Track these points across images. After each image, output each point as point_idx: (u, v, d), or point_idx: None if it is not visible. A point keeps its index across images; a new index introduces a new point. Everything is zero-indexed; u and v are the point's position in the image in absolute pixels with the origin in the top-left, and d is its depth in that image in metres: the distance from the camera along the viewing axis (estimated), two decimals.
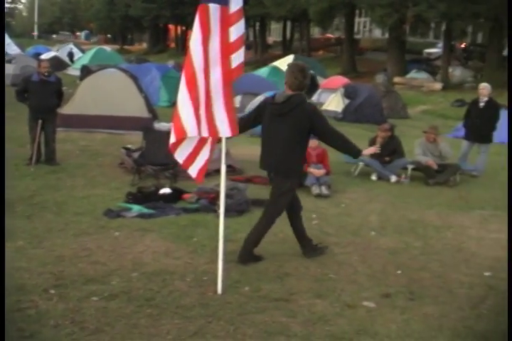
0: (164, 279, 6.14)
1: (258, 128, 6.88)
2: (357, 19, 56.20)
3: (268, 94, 16.45)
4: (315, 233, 7.99)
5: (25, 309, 5.34)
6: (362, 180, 11.72)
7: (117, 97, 15.25)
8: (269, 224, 6.78)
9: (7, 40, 43.68)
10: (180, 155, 5.66)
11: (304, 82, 6.53)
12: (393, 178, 11.77)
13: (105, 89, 15.42)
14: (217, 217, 7.88)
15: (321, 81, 29.52)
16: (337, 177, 11.38)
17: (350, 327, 5.31)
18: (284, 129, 6.47)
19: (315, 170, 10.45)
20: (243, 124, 6.47)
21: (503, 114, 15.11)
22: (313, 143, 10.70)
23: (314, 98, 26.78)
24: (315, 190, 10.10)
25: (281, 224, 8.05)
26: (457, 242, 8.15)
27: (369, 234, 8.21)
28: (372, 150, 7.16)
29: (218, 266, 5.87)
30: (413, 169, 12.15)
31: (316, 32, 69.41)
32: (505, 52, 41.02)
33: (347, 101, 21.96)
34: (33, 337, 4.82)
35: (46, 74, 11.26)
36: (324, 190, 10.12)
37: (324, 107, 23.04)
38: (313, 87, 28.73)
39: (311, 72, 30.40)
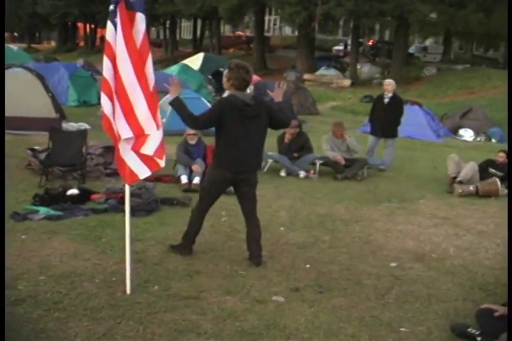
0: (72, 281, 6.07)
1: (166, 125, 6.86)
2: (267, 17, 56.65)
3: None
4: (224, 230, 8.07)
5: None
6: (271, 176, 11.81)
7: (23, 97, 14.89)
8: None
9: None
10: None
11: (248, 81, 6.73)
12: (302, 174, 11.94)
13: (10, 89, 14.98)
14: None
15: None
16: None
17: (260, 322, 5.38)
18: (258, 129, 6.73)
19: None
20: (202, 124, 6.76)
21: (408, 110, 15.57)
22: None
23: (224, 95, 26.88)
24: None
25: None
26: (365, 235, 8.34)
27: (278, 230, 8.31)
28: None
29: (126, 265, 5.84)
30: (321, 164, 12.36)
31: (226, 30, 69.60)
32: (411, 50, 42.24)
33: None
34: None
35: None
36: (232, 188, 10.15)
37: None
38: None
39: (222, 69, 30.54)
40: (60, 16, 63.49)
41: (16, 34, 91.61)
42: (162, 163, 5.71)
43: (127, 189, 5.80)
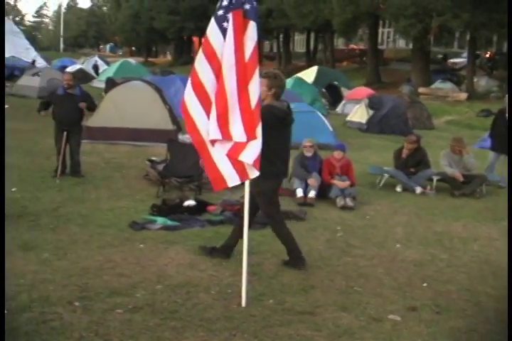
0: (188, 291, 6.13)
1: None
2: (381, 29, 56.14)
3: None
4: (339, 245, 7.97)
5: (50, 321, 5.35)
6: (387, 191, 11.63)
7: (142, 109, 15.32)
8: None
9: (33, 53, 44.30)
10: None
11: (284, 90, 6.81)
12: (418, 190, 11.66)
13: (130, 102, 15.50)
14: None
15: (346, 92, 29.49)
16: (361, 188, 11.32)
17: None
18: (290, 138, 6.89)
19: (339, 182, 10.40)
20: None
21: None
22: (338, 154, 10.69)
23: (338, 109, 26.81)
24: (340, 201, 10.05)
25: (307, 237, 8.06)
26: (484, 254, 8.06)
27: (394, 247, 8.14)
28: None
29: (242, 278, 5.85)
30: (439, 180, 12.04)
31: (340, 43, 69.41)
32: None
33: (371, 112, 21.86)
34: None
35: (66, 86, 11.35)
36: (349, 202, 10.07)
37: (349, 118, 22.99)
38: (338, 98, 28.76)
39: (335, 83, 30.42)
40: (176, 31, 65.31)
41: (133, 48, 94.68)
42: (254, 174, 5.69)
43: (246, 201, 5.81)
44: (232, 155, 5.56)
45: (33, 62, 41.48)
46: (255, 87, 5.50)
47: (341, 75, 34.36)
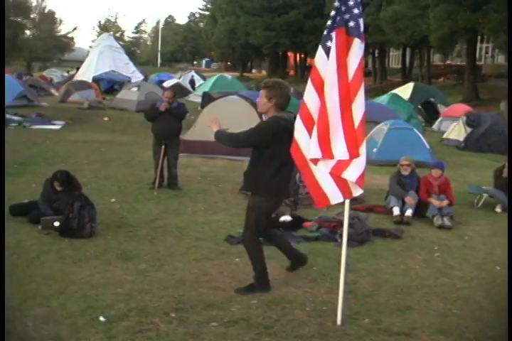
0: (283, 307, 6.12)
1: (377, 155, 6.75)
2: (479, 45, 54.95)
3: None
4: (437, 265, 7.80)
5: (146, 331, 5.46)
6: (486, 211, 11.30)
7: (238, 124, 15.24)
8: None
9: (132, 67, 45.53)
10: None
11: (289, 100, 6.38)
12: None
13: (227, 116, 15.55)
14: (338, 246, 7.91)
15: (442, 109, 28.99)
16: (459, 207, 11.03)
17: None
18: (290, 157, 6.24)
19: (437, 201, 10.18)
20: (244, 143, 6.62)
21: None
22: (436, 172, 10.49)
23: (435, 126, 26.34)
24: (437, 221, 9.85)
25: (403, 256, 7.94)
26: None
27: (494, 269, 7.89)
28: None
29: (339, 296, 5.80)
30: None
31: (436, 59, 68.37)
32: None
33: (469, 129, 21.36)
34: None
35: (167, 103, 11.53)
36: (447, 222, 9.85)
37: (445, 136, 22.56)
38: (434, 115, 28.29)
39: (432, 99, 29.90)
40: (271, 46, 65.87)
41: (229, 63, 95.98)
42: (358, 192, 5.62)
43: (346, 219, 5.78)
44: (336, 172, 5.53)
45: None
46: (359, 106, 5.45)
47: (438, 92, 33.80)
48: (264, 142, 6.19)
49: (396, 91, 29.81)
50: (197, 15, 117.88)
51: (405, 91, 30.28)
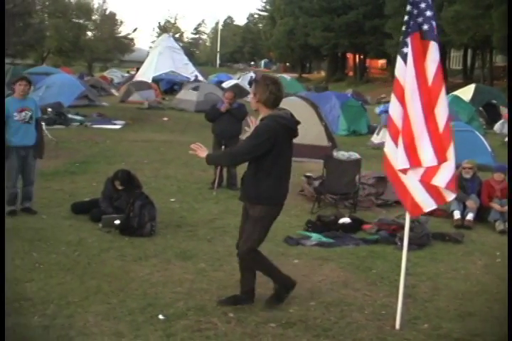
0: (342, 310, 6.08)
1: None
2: None
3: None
4: (499, 271, 7.61)
5: (205, 330, 5.49)
6: None
7: (299, 125, 15.45)
8: None
9: (191, 68, 45.92)
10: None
11: (281, 97, 5.83)
12: None
13: None
14: (397, 249, 7.85)
15: (504, 111, 28.42)
16: None
17: None
18: (291, 154, 5.95)
19: (498, 206, 9.98)
20: (249, 157, 5.76)
21: None
22: (498, 176, 10.29)
23: (496, 128, 25.81)
24: (499, 225, 9.66)
25: (464, 261, 7.82)
26: None
27: None
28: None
29: (398, 300, 5.74)
30: None
31: (498, 60, 67.13)
32: None
33: None
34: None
35: (227, 104, 11.62)
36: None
37: (507, 139, 22.10)
38: (496, 117, 27.76)
39: (494, 101, 29.35)
40: (330, 47, 65.49)
41: (287, 64, 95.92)
42: (451, 196, 5.56)
43: (407, 222, 5.71)
44: (426, 179, 5.47)
45: (196, 77, 43.07)
46: (442, 110, 5.38)
47: (500, 93, 33.12)
48: (267, 148, 5.59)
49: (457, 93, 29.34)
50: (256, 16, 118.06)
51: (466, 93, 29.78)
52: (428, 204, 5.58)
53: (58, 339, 5.18)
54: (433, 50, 5.42)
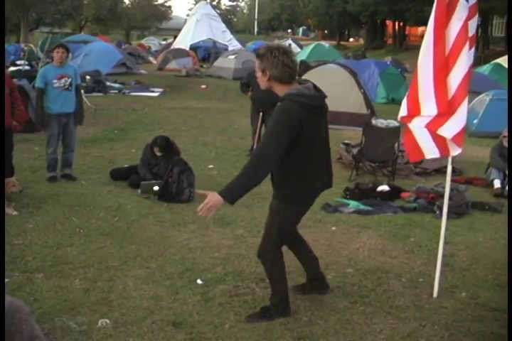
0: (379, 277, 6.09)
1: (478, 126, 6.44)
2: None
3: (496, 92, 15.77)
4: None
5: (242, 295, 5.54)
6: None
7: (337, 93, 15.23)
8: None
9: (229, 35, 45.66)
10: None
11: (296, 69, 4.74)
12: None
13: (325, 85, 15.34)
14: (436, 217, 7.81)
15: None
16: None
17: None
18: (326, 138, 5.01)
19: None
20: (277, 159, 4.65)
21: None
22: None
23: None
24: None
25: (503, 230, 7.74)
26: None
27: None
28: None
29: (436, 268, 5.71)
30: None
31: None
32: None
33: None
34: (247, 322, 5.02)
35: None
36: None
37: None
38: None
39: None
40: (369, 14, 64.45)
41: (325, 32, 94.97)
42: (456, 151, 5.42)
43: (447, 190, 5.67)
44: (431, 127, 5.34)
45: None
46: (465, 60, 5.18)
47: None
48: (293, 138, 4.54)
49: (499, 60, 28.78)
50: None
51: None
52: (431, 152, 5.51)
53: (98, 302, 5.26)
54: (461, 8, 5.21)
